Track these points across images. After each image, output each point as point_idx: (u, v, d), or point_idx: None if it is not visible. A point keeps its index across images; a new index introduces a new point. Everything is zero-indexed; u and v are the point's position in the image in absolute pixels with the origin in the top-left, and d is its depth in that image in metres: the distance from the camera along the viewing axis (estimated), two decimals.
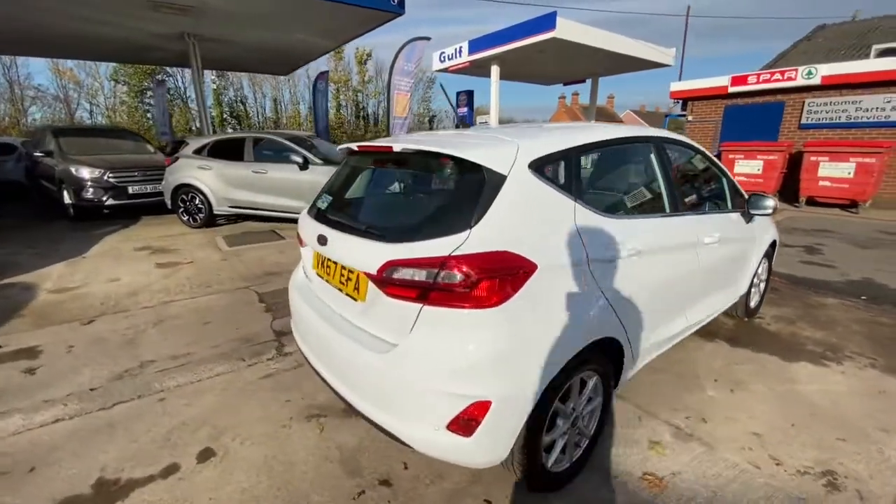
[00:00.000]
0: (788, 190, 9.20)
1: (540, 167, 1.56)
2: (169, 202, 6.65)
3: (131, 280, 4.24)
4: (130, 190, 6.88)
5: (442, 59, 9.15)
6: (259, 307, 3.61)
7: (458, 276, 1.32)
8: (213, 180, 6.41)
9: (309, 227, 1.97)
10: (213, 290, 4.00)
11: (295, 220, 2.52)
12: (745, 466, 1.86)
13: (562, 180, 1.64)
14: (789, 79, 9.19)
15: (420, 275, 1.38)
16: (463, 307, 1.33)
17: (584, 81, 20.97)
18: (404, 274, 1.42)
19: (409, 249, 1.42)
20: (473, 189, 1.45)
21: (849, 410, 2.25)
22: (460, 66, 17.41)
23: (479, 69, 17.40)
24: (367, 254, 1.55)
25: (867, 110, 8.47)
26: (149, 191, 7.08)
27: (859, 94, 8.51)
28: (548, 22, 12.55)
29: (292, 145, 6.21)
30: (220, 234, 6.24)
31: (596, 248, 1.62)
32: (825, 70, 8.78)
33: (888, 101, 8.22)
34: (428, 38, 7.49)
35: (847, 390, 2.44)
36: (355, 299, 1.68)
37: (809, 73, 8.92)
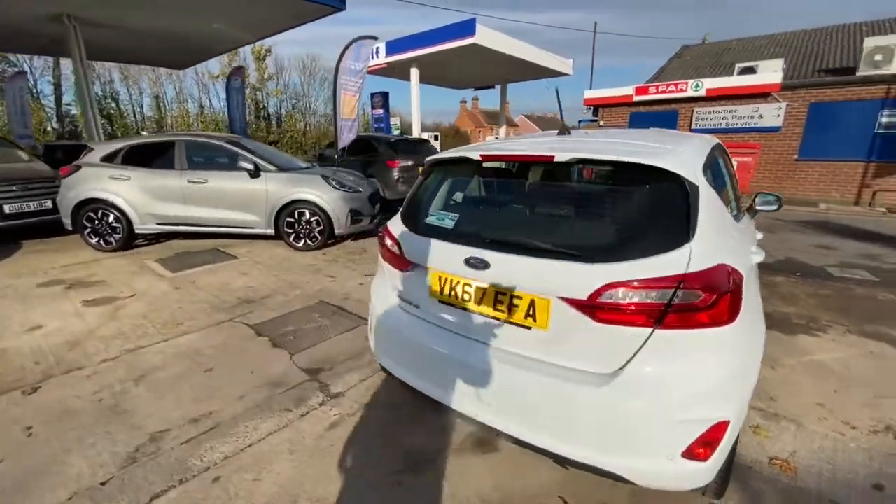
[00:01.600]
0: None
1: (706, 173, 1.56)
2: (69, 222, 5.30)
3: (61, 326, 3.27)
4: (6, 209, 5.33)
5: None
6: (263, 343, 3.06)
7: (700, 295, 1.24)
8: (133, 193, 5.28)
9: (436, 250, 1.71)
10: (188, 328, 3.28)
11: (246, 236, 2.16)
12: (834, 435, 2.09)
13: (713, 185, 1.66)
14: (681, 90, 10.75)
15: (651, 296, 1.27)
16: (705, 327, 1.26)
17: (493, 87, 22.11)
18: (629, 297, 1.29)
19: (630, 270, 1.30)
20: (676, 200, 1.38)
21: (861, 371, 2.68)
22: (377, 67, 16.95)
23: (395, 71, 17.24)
24: (566, 277, 1.38)
25: (741, 117, 10.30)
26: (32, 209, 5.57)
27: (734, 104, 10.31)
28: (468, 28, 12.95)
29: (241, 150, 5.41)
30: (148, 257, 5.17)
31: (745, 249, 1.67)
32: (709, 84, 10.46)
33: (755, 111, 10.09)
34: (375, 38, 7.13)
35: (846, 355, 2.90)
36: (528, 328, 1.49)
37: (697, 86, 10.54)
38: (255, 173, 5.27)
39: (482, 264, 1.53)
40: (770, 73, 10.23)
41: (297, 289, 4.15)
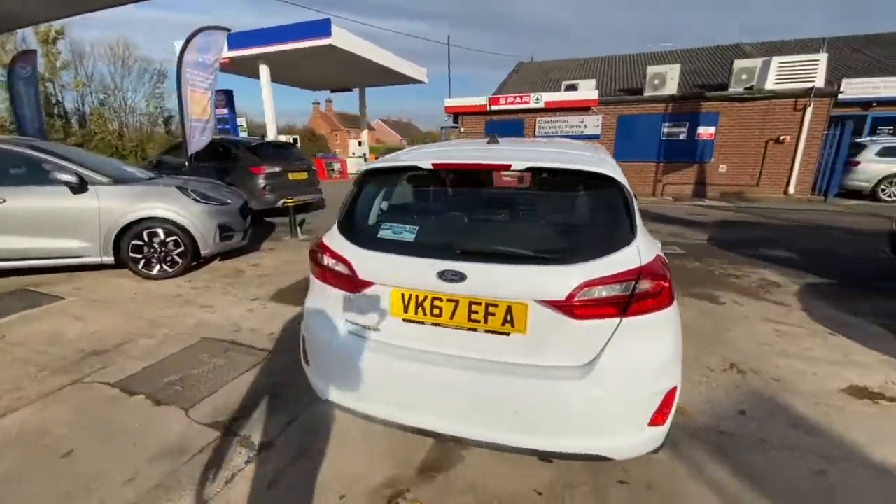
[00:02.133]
0: None
1: None
2: None
3: None
4: None
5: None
6: (138, 402, 2.42)
7: (652, 283, 1.44)
8: None
9: (398, 266, 1.60)
10: (13, 402, 2.39)
11: (66, 268, 1.89)
12: (704, 379, 2.67)
13: None
14: (525, 102, 12.26)
15: (617, 289, 1.42)
16: (656, 310, 1.46)
17: (350, 90, 21.67)
18: (601, 292, 1.42)
19: (599, 268, 1.42)
20: (620, 203, 1.57)
21: (701, 324, 3.47)
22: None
23: (240, 68, 15.49)
24: (543, 280, 1.44)
25: (571, 126, 12.26)
26: None
27: (566, 115, 12.22)
28: (322, 28, 12.44)
29: (55, 158, 4.14)
30: None
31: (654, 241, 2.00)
32: (546, 97, 12.17)
33: (582, 121, 12.14)
34: (227, 29, 6.23)
35: (686, 314, 3.72)
36: (507, 334, 1.51)
37: (537, 99, 12.15)
38: (79, 187, 4.10)
39: (458, 277, 1.50)
40: (588, 90, 12.47)
41: (163, 327, 3.39)
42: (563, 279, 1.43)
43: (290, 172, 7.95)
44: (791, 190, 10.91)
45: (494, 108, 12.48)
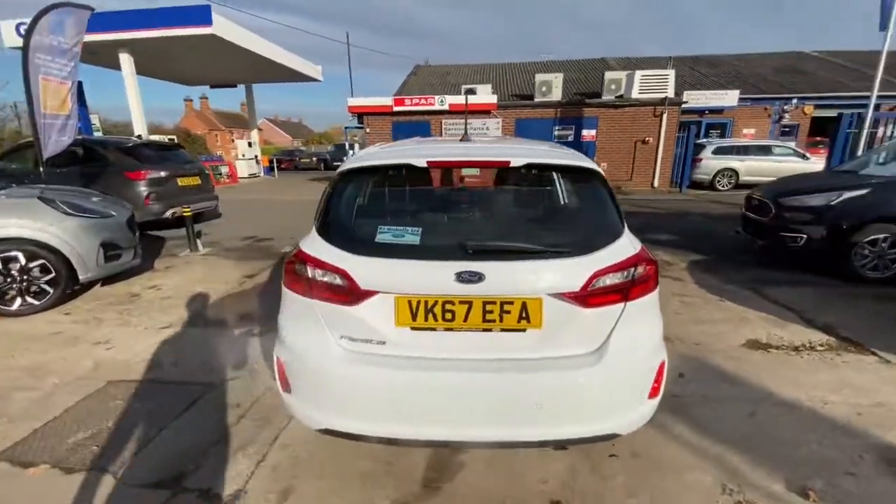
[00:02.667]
0: None
1: None
2: None
3: None
4: None
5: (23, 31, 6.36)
6: (41, 475, 1.89)
7: (645, 268, 1.58)
8: None
9: (405, 271, 1.50)
10: None
11: None
12: None
13: None
14: (430, 104, 12.46)
15: (621, 276, 1.52)
16: (649, 293, 1.60)
17: (235, 86, 19.64)
18: (609, 280, 1.50)
19: (604, 258, 1.51)
20: (608, 196, 1.68)
21: None
22: None
23: (95, 56, 12.99)
24: (559, 273, 1.47)
25: (475, 129, 12.81)
26: None
27: (469, 118, 12.72)
28: (200, 15, 11.06)
29: None
30: None
31: None
32: (450, 100, 12.52)
33: (484, 124, 12.77)
34: (90, 9, 5.10)
35: None
36: (523, 330, 1.52)
37: (442, 101, 12.44)
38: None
39: (476, 277, 1.45)
40: (486, 94, 13.17)
41: (49, 375, 2.70)
42: (577, 271, 1.49)
43: (179, 177, 6.91)
44: (656, 183, 12.93)
45: (399, 108, 12.44)
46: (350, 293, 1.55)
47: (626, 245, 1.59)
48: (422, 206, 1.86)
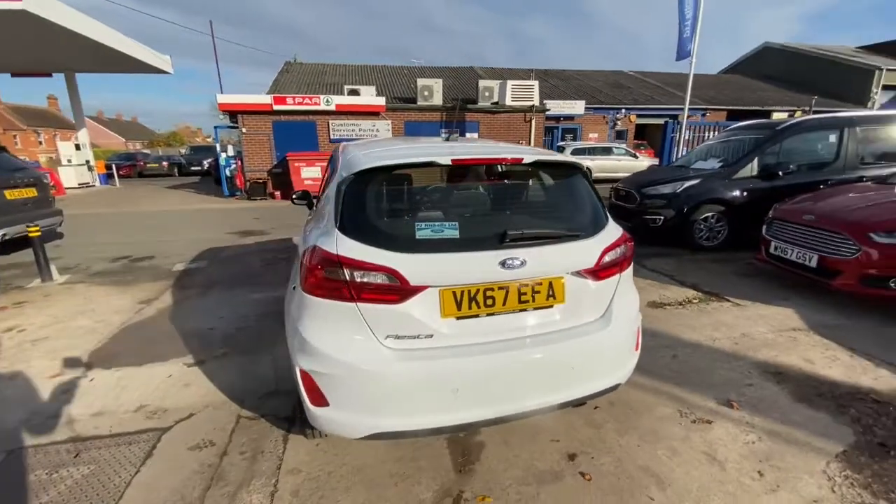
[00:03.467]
0: None
1: None
2: None
3: None
4: None
5: None
6: None
7: (629, 246, 1.93)
8: None
9: (452, 263, 1.58)
10: None
11: None
12: None
13: None
14: (315, 104, 11.86)
15: (618, 252, 1.85)
16: (631, 265, 1.97)
17: (50, 75, 15.74)
18: (612, 256, 1.81)
19: (606, 237, 1.81)
20: (589, 188, 1.99)
21: None
22: None
23: None
24: (579, 253, 1.72)
25: (366, 130, 12.64)
26: None
27: (358, 119, 12.50)
28: None
29: None
30: None
31: None
32: (337, 100, 12.10)
33: (374, 125, 12.67)
34: None
35: None
36: (550, 306, 1.73)
37: (328, 101, 11.95)
38: None
39: (519, 262, 1.61)
40: (370, 96, 13.11)
41: None
42: (591, 250, 1.77)
43: (5, 189, 5.37)
44: None
45: (281, 108, 11.54)
46: (399, 291, 1.56)
47: (614, 227, 1.93)
48: (447, 202, 1.92)
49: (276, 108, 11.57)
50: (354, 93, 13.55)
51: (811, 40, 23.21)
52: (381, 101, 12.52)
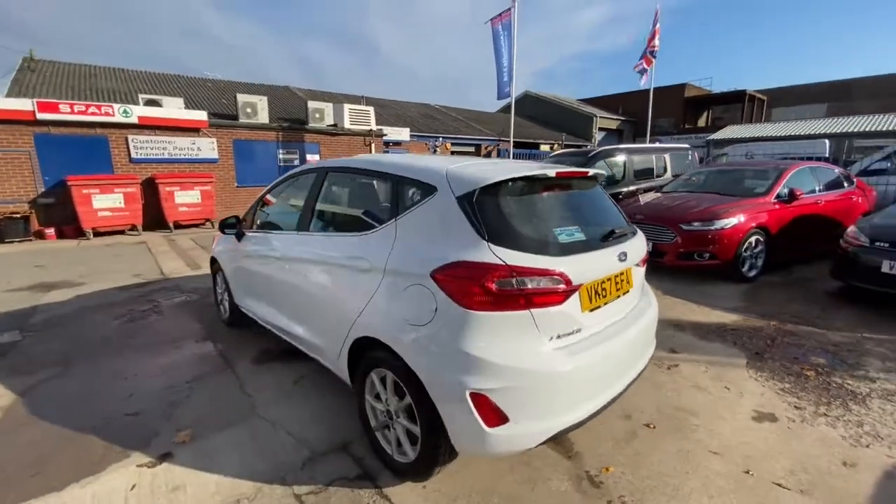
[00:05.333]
0: (153, 219, 9.82)
1: None
2: None
3: None
4: None
5: None
6: None
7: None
8: None
9: (590, 262, 1.84)
10: None
11: None
12: None
13: None
14: (107, 114, 9.21)
15: (648, 246, 2.40)
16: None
17: None
18: (647, 249, 2.35)
19: (641, 233, 2.34)
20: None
21: None
22: None
23: None
24: (641, 246, 2.18)
25: (182, 149, 10.48)
26: None
27: (172, 135, 10.30)
28: None
29: None
30: None
31: None
32: (140, 112, 9.68)
33: (194, 143, 10.65)
34: None
35: None
36: (627, 292, 2.14)
37: (126, 112, 9.45)
38: None
39: (625, 256, 1.96)
40: (178, 108, 11.02)
41: None
42: (642, 244, 2.26)
43: None
44: None
45: (49, 116, 8.44)
46: (563, 293, 1.70)
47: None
48: (557, 209, 2.06)
49: (41, 116, 8.49)
50: (154, 104, 11.13)
51: (546, 90, 31.19)
52: (202, 115, 10.71)
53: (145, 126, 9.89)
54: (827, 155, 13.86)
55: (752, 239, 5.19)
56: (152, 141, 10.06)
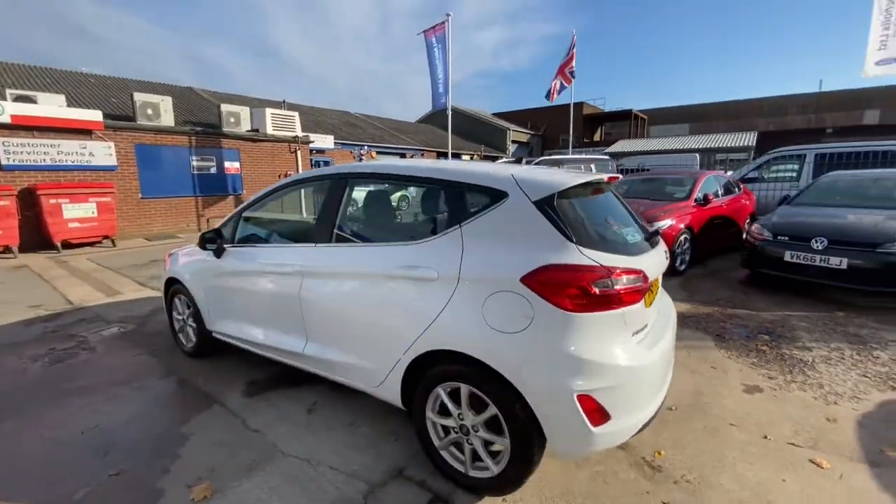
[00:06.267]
0: (33, 238, 8.10)
1: None
2: None
3: None
4: None
5: None
6: None
7: None
8: None
9: (653, 258, 1.97)
10: None
11: None
12: None
13: None
14: None
15: None
16: None
17: None
18: None
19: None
20: None
21: None
22: None
23: None
24: (663, 243, 2.39)
25: (69, 154, 8.79)
26: None
27: (56, 137, 8.59)
28: None
29: None
30: None
31: None
32: (13, 109, 7.92)
33: (84, 147, 9.00)
34: None
35: None
36: (659, 288, 2.32)
37: None
38: None
39: (665, 254, 2.13)
40: (60, 106, 9.29)
41: None
42: (663, 243, 2.48)
43: None
44: (304, 213, 14.01)
45: None
46: (643, 290, 1.79)
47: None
48: (609, 211, 2.11)
49: None
50: (26, 100, 9.25)
51: (458, 103, 32.83)
52: (95, 115, 9.15)
53: (20, 127, 8.14)
54: (698, 166, 16.42)
55: (682, 237, 5.96)
56: (31, 145, 8.31)
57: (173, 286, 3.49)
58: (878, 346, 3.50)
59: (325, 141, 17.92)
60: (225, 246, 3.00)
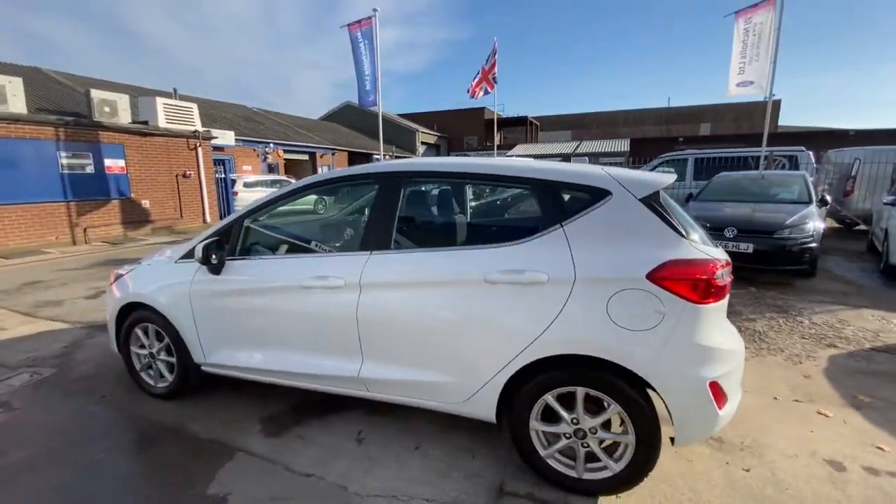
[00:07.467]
0: None
1: None
2: None
3: None
4: None
5: None
6: None
7: None
8: None
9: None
10: None
11: None
12: None
13: None
14: None
15: None
16: None
17: None
18: None
19: None
20: None
21: None
22: None
23: None
24: None
25: None
26: None
27: None
28: None
29: None
30: None
31: None
32: None
33: None
34: None
35: None
36: None
37: None
38: None
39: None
40: None
41: None
42: None
43: None
44: (208, 219, 12.24)
45: None
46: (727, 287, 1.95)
47: None
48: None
49: None
50: None
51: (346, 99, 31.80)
52: None
53: None
54: None
55: None
56: None
57: (134, 313, 2.78)
58: (797, 313, 4.34)
59: (225, 137, 15.98)
60: (225, 259, 2.49)
